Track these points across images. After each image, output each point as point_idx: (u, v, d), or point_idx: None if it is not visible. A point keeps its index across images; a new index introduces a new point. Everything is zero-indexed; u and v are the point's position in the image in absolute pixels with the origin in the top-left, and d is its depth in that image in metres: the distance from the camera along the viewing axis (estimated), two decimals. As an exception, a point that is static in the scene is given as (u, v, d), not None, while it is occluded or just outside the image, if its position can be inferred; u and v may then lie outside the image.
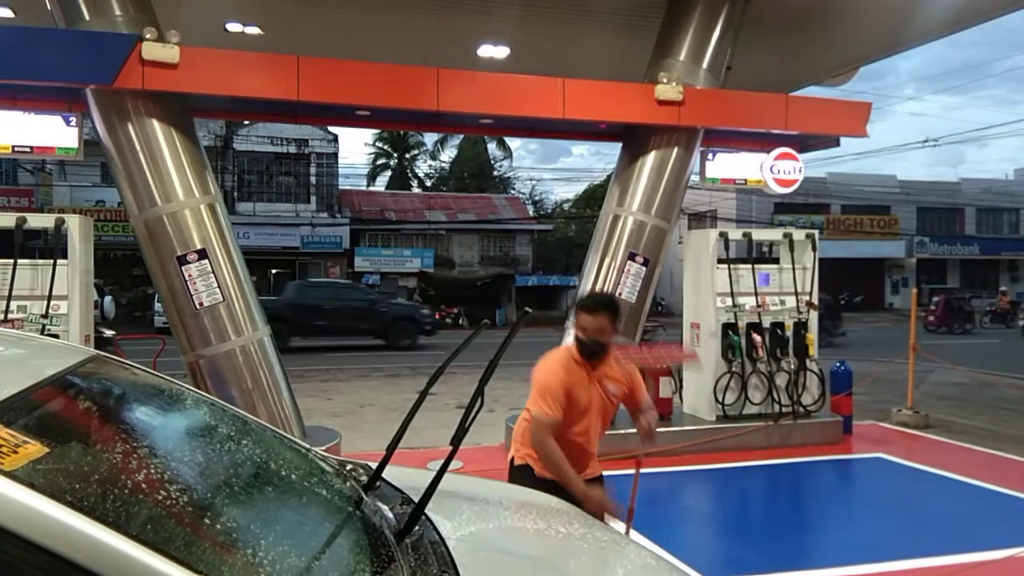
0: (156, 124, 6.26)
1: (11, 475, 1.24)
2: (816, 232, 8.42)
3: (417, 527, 1.97)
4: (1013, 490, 6.22)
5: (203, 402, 2.46)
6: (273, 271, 28.63)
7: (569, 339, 7.58)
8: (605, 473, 3.49)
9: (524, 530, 2.40)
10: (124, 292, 27.43)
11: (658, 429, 7.66)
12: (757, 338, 7.76)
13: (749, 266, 7.85)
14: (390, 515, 2.10)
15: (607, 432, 3.49)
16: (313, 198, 30.75)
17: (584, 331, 3.28)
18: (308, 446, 2.63)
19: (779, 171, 8.21)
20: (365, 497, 2.15)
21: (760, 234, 8.44)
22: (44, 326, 5.79)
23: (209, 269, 6.26)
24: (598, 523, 2.77)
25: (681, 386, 8.17)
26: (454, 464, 1.95)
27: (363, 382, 13.13)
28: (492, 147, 40.50)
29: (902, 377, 9.77)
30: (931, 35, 9.30)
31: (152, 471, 1.71)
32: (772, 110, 7.86)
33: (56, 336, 5.53)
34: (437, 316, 28.72)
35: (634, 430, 3.50)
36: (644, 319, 7.77)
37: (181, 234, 6.28)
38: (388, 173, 39.94)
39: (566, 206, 43.34)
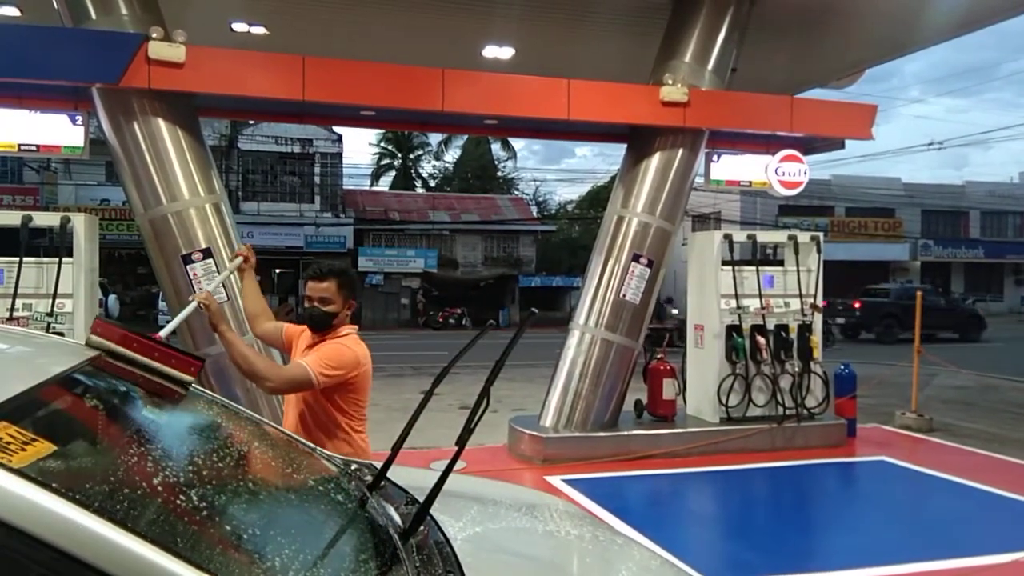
0: (162, 123, 6.28)
1: (19, 472, 1.25)
2: (821, 234, 8.42)
3: (422, 527, 1.97)
4: (1017, 494, 6.20)
5: (208, 400, 2.47)
6: (277, 271, 28.67)
7: (572, 340, 7.63)
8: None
9: (529, 531, 2.40)
10: (128, 291, 27.50)
11: (662, 431, 7.69)
12: (761, 340, 7.75)
13: (753, 268, 7.84)
14: (395, 515, 2.10)
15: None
16: (317, 198, 30.77)
17: (309, 300, 3.18)
18: (312, 445, 2.63)
19: (784, 173, 8.20)
20: (370, 497, 2.15)
21: (765, 236, 8.43)
22: (49, 324, 5.80)
23: (213, 268, 6.28)
24: (604, 525, 2.77)
25: (685, 388, 8.16)
26: (458, 464, 1.94)
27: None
28: (496, 148, 40.50)
29: (906, 380, 9.75)
30: (937, 38, 9.29)
31: (157, 469, 1.71)
32: (777, 112, 7.86)
33: (61, 334, 5.54)
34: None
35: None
36: (648, 320, 7.77)
37: (186, 233, 6.29)
38: (392, 173, 39.96)
39: (570, 207, 43.32)
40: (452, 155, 40.86)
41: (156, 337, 2.16)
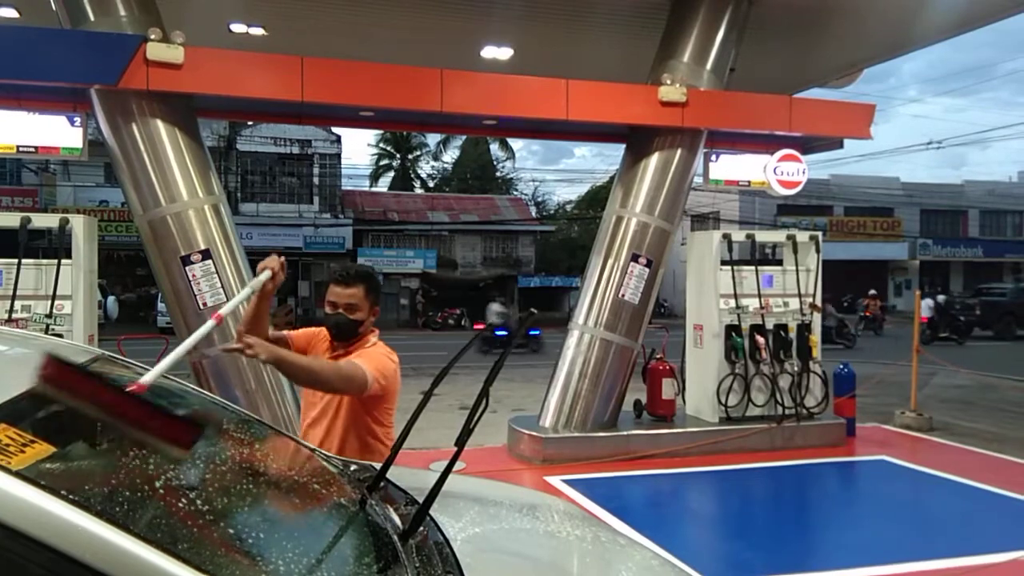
0: (160, 124, 6.28)
1: (18, 474, 1.25)
2: (820, 234, 8.42)
3: (422, 528, 1.97)
4: (1016, 493, 6.21)
5: (207, 402, 2.47)
6: (276, 271, 28.64)
7: (571, 340, 7.63)
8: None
9: (530, 531, 2.40)
10: (127, 292, 27.49)
11: (661, 431, 7.69)
12: (760, 340, 7.75)
13: (752, 268, 7.84)
14: (394, 516, 2.10)
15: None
16: (316, 199, 30.79)
17: (333, 306, 2.90)
18: (312, 446, 2.63)
19: (782, 173, 8.21)
20: (369, 498, 2.15)
21: (763, 236, 8.43)
22: (48, 326, 5.80)
23: (213, 269, 6.27)
24: (604, 525, 2.77)
25: (684, 388, 8.17)
26: (457, 465, 1.94)
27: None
28: (495, 148, 40.56)
29: (905, 379, 9.76)
30: (935, 37, 9.30)
31: (157, 471, 1.71)
32: (776, 112, 7.87)
33: (60, 336, 5.54)
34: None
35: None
36: (647, 320, 7.77)
37: (185, 234, 6.29)
38: (391, 174, 39.99)
39: (569, 207, 43.34)
40: (451, 155, 40.96)
41: (142, 388, 1.83)
